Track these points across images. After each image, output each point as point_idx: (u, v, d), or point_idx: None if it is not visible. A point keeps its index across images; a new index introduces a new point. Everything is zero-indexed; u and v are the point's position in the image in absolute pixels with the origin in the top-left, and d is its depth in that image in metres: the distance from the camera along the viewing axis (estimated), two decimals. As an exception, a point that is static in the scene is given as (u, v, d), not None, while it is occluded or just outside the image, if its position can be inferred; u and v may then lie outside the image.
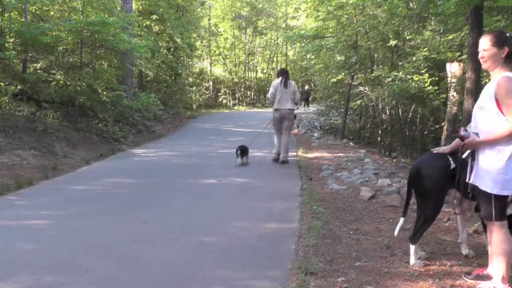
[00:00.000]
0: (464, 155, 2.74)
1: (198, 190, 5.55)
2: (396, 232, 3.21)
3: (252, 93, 29.62)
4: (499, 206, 2.51)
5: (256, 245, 3.54)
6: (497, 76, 2.51)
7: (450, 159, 2.90)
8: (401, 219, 3.22)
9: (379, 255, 3.27)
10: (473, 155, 2.66)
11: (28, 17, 9.43)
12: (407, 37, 10.72)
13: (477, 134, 2.60)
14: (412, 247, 3.07)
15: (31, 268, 3.02)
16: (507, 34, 2.51)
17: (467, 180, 2.67)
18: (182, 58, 20.03)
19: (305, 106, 24.76)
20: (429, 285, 2.76)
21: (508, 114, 2.41)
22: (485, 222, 2.73)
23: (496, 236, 2.55)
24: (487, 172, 2.52)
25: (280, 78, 7.33)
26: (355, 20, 11.85)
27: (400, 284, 2.78)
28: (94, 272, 2.98)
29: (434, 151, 3.04)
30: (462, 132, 2.67)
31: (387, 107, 11.78)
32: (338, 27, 12.80)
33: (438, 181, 2.91)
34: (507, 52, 2.50)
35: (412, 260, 3.06)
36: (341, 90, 14.68)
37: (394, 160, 9.29)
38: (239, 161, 7.30)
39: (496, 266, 2.57)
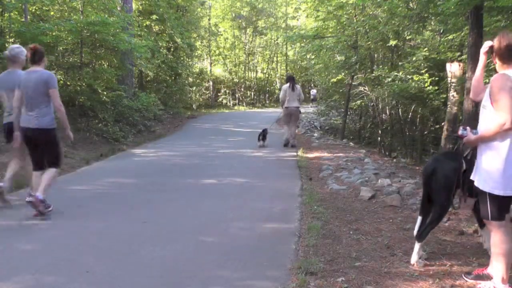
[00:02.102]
0: (465, 154, 2.79)
1: (198, 190, 5.55)
2: (415, 232, 3.20)
3: (252, 93, 29.62)
4: (494, 205, 2.50)
5: (256, 245, 3.54)
6: None
7: (463, 161, 2.96)
8: (419, 218, 3.22)
9: (379, 255, 3.27)
10: (474, 154, 2.69)
11: (28, 17, 9.43)
12: (407, 37, 10.71)
13: (477, 132, 2.62)
14: (417, 245, 3.07)
15: (31, 268, 3.02)
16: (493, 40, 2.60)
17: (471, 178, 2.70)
18: (182, 58, 20.02)
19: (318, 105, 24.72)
20: (429, 285, 2.76)
21: (498, 108, 2.43)
22: (484, 221, 2.74)
23: (494, 235, 2.55)
24: (485, 170, 2.54)
25: (288, 83, 9.14)
26: (355, 20, 11.86)
27: (400, 284, 2.78)
28: (94, 272, 2.98)
29: None
30: (460, 131, 2.70)
31: (387, 107, 11.79)
32: (338, 27, 12.81)
33: (453, 182, 2.96)
34: (485, 55, 2.62)
35: (415, 258, 3.06)
36: (341, 90, 14.69)
37: (394, 160, 9.30)
38: (260, 144, 9.18)
39: (496, 266, 2.57)
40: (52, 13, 10.87)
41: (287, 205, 4.77)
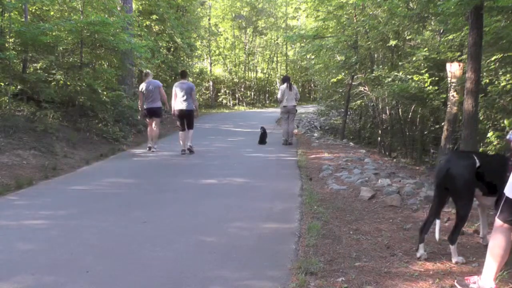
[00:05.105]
0: None
1: (198, 190, 5.55)
2: (437, 236, 3.18)
3: (252, 93, 29.60)
4: (507, 207, 2.49)
5: (256, 245, 3.54)
6: None
7: (476, 157, 3.02)
8: (437, 221, 3.20)
9: (379, 255, 3.27)
10: None
11: (28, 17, 9.42)
12: (407, 37, 10.72)
13: None
14: (452, 247, 3.11)
15: (31, 268, 3.03)
16: None
17: None
18: (182, 58, 20.00)
19: None
20: (429, 285, 2.76)
21: None
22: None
23: (496, 236, 2.54)
24: None
25: (285, 84, 9.64)
26: (355, 20, 11.86)
27: (400, 284, 2.78)
28: (94, 272, 2.98)
29: None
30: (508, 136, 2.74)
31: (387, 107, 11.79)
32: (338, 27, 12.81)
33: (468, 180, 2.98)
34: None
35: (455, 259, 3.10)
36: (341, 90, 14.69)
37: (394, 160, 9.31)
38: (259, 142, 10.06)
39: (487, 264, 2.55)
40: (52, 13, 10.85)
41: (287, 205, 4.77)
